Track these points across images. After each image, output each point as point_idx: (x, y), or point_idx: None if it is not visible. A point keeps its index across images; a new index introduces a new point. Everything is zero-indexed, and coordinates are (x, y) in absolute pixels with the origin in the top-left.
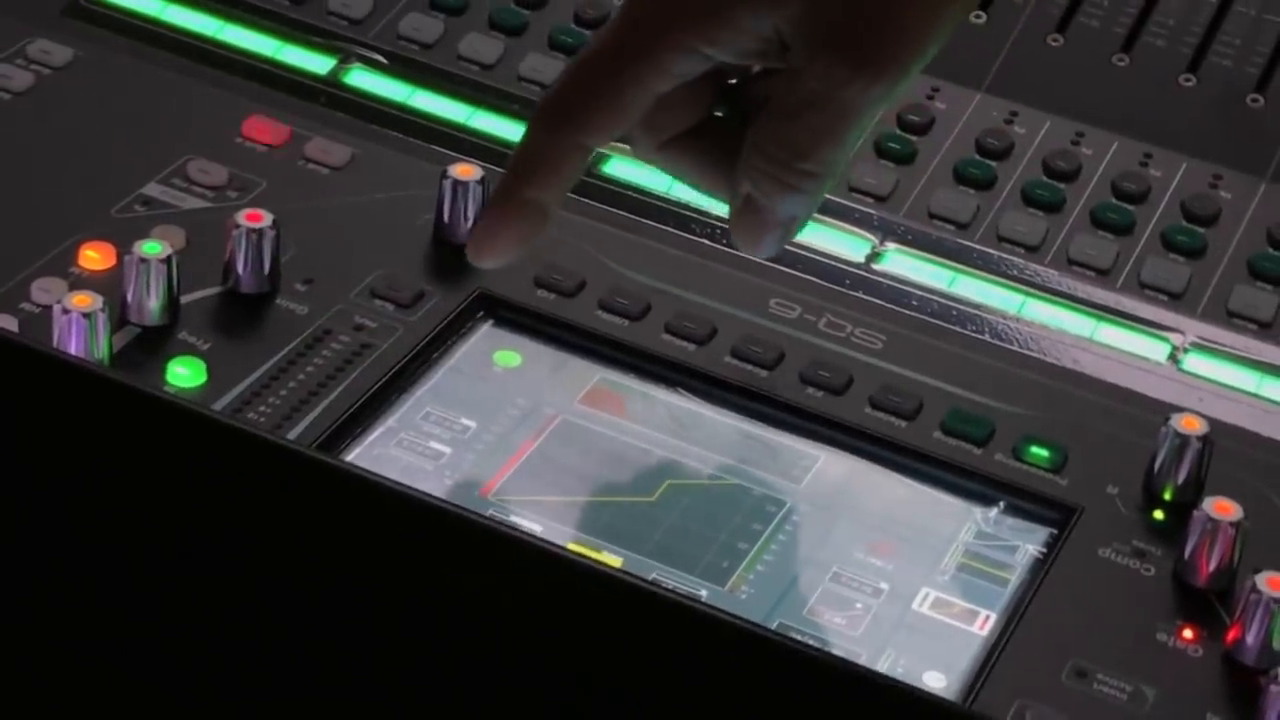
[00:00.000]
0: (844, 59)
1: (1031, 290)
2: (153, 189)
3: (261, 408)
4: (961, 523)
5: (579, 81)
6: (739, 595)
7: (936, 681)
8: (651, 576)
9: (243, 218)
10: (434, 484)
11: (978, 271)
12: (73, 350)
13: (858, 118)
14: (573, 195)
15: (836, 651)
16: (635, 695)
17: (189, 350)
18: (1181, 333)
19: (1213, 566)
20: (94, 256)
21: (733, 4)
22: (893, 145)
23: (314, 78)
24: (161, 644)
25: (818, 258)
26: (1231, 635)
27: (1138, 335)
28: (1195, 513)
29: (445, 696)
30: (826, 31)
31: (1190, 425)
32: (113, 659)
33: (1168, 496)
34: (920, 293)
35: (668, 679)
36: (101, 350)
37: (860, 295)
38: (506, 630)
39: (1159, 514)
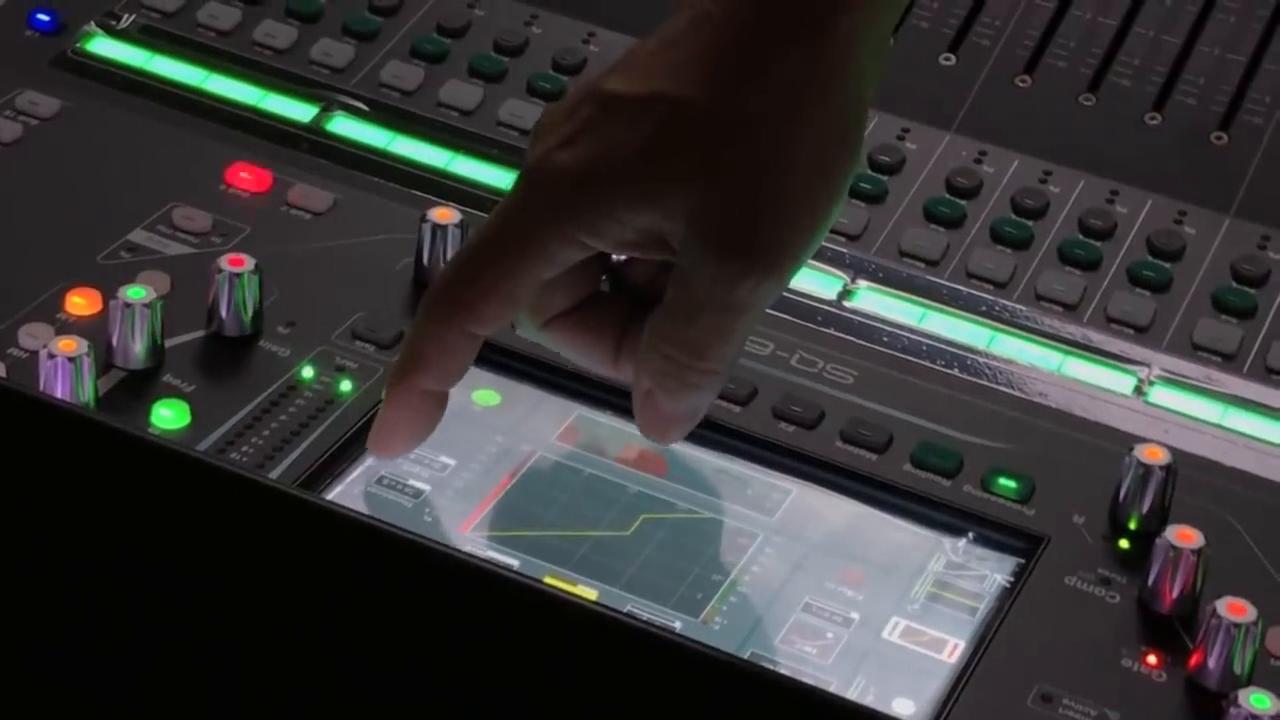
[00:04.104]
0: (734, 260)
1: (1000, 325)
2: (138, 236)
3: (244, 448)
4: (931, 553)
5: (463, 273)
6: (712, 626)
7: (905, 708)
8: (626, 609)
9: (226, 262)
10: (413, 521)
11: (947, 308)
12: (59, 394)
13: (752, 314)
14: None
15: (808, 680)
16: None
17: (173, 393)
18: (1147, 366)
19: (1176, 593)
20: (80, 302)
21: (614, 199)
22: (864, 185)
23: (297, 125)
24: (144, 678)
25: (791, 296)
26: (1194, 660)
27: (1104, 369)
28: (1158, 541)
29: None
30: (713, 233)
31: (1153, 455)
32: (96, 693)
33: (1132, 525)
34: (891, 329)
35: (643, 709)
36: (87, 394)
37: (832, 332)
38: (484, 663)
39: (1124, 543)
